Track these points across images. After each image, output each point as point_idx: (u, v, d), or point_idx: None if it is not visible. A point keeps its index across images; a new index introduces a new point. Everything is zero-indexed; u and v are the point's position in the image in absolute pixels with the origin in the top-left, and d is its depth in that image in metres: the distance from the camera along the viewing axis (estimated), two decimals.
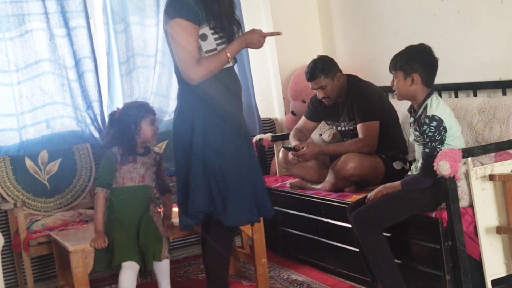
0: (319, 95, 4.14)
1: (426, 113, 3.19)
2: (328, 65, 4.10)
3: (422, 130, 3.18)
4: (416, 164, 3.37)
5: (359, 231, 3.30)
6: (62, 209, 4.39)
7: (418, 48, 3.29)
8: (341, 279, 3.94)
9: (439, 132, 3.14)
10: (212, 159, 3.20)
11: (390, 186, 3.35)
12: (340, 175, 3.92)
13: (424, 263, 3.29)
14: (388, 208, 3.27)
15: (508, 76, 3.84)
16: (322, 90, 4.10)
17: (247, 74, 5.15)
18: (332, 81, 4.08)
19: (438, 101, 3.22)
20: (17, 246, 4.11)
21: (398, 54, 3.31)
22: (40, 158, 4.42)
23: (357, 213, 3.31)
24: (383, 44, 4.68)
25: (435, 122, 3.14)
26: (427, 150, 3.18)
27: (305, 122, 4.40)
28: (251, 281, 4.08)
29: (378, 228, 3.26)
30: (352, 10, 5.03)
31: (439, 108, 3.18)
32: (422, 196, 3.23)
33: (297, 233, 4.32)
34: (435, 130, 3.14)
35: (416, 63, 3.22)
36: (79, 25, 4.56)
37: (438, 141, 3.15)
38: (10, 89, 4.43)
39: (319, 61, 4.12)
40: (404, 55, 3.28)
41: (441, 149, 3.15)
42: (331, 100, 4.13)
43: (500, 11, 3.82)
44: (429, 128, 3.14)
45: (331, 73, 4.08)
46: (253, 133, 5.09)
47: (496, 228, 3.19)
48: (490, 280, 3.17)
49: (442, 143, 3.16)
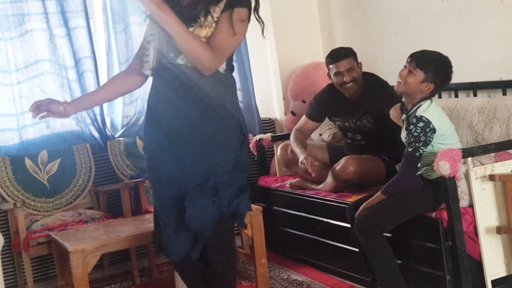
0: (347, 79, 3.93)
1: (415, 113, 3.19)
2: (354, 52, 4.02)
3: (409, 129, 3.19)
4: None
5: (362, 238, 3.29)
6: (62, 209, 4.39)
7: (447, 63, 3.27)
8: (341, 279, 3.94)
9: (425, 133, 3.13)
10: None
11: (371, 200, 3.32)
12: (340, 178, 3.91)
13: (424, 263, 3.29)
14: (389, 212, 3.27)
15: (508, 76, 3.83)
16: (349, 73, 3.94)
17: (247, 74, 5.14)
18: (357, 66, 3.99)
19: (430, 103, 3.21)
20: (17, 246, 4.12)
21: (428, 56, 3.25)
22: (40, 158, 4.42)
23: (359, 220, 3.30)
24: (383, 44, 4.68)
25: (422, 123, 3.13)
26: (410, 149, 3.17)
27: (306, 122, 4.30)
28: (251, 281, 4.08)
29: (380, 233, 3.26)
30: (352, 10, 5.03)
31: (428, 109, 3.18)
32: (422, 196, 3.23)
33: (297, 233, 4.32)
34: (421, 131, 3.13)
35: (440, 77, 3.22)
36: (79, 25, 4.56)
37: (422, 142, 3.14)
38: (10, 89, 4.43)
39: (347, 47, 4.01)
40: (435, 62, 3.23)
41: (424, 151, 3.15)
42: (356, 87, 3.97)
43: (500, 11, 3.82)
44: (415, 128, 3.14)
45: (356, 58, 4.00)
46: (253, 133, 5.09)
47: (496, 228, 3.19)
48: (490, 280, 3.17)
49: (426, 145, 3.16)
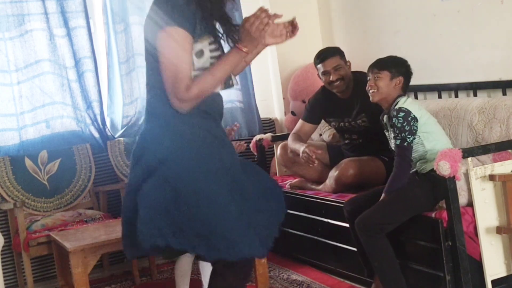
0: (333, 77, 3.97)
1: (394, 107, 3.29)
2: (341, 50, 4.06)
3: (392, 123, 3.25)
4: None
5: (364, 238, 3.29)
6: (62, 209, 4.40)
7: (401, 58, 3.47)
8: (341, 279, 3.94)
9: (408, 122, 3.21)
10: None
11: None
12: (340, 181, 3.91)
13: (424, 263, 3.29)
14: (389, 211, 3.27)
15: (508, 76, 3.83)
16: (336, 71, 3.97)
17: (247, 74, 5.15)
18: (345, 64, 4.02)
19: (406, 98, 3.35)
20: (17, 246, 4.12)
21: (383, 59, 3.47)
22: (40, 158, 4.42)
23: (360, 220, 3.30)
24: (383, 44, 4.68)
25: (402, 113, 3.22)
26: (398, 141, 3.24)
27: (303, 125, 4.27)
28: (251, 281, 4.07)
29: (381, 233, 3.26)
30: (352, 10, 5.03)
31: (406, 102, 3.31)
32: (420, 192, 3.24)
33: (297, 233, 4.32)
34: (403, 120, 3.21)
35: (402, 68, 3.40)
36: (79, 25, 4.56)
37: (408, 131, 3.21)
38: (10, 89, 4.43)
39: (331, 46, 4.05)
40: (392, 60, 3.45)
41: (412, 140, 3.22)
42: (344, 85, 3.99)
43: (500, 11, 3.81)
44: (397, 119, 3.22)
45: (344, 57, 4.04)
46: (253, 133, 5.09)
47: (496, 228, 3.19)
48: (490, 280, 3.17)
49: (413, 134, 3.22)
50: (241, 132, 5.12)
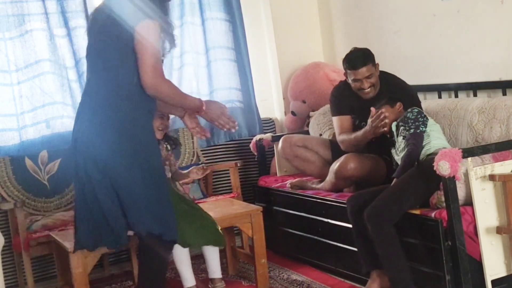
0: (365, 85, 3.84)
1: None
2: (372, 54, 3.89)
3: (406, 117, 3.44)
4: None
5: (371, 226, 3.32)
6: (62, 209, 4.39)
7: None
8: (341, 279, 3.94)
9: (422, 116, 3.44)
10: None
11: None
12: (340, 175, 3.91)
13: (424, 263, 3.29)
14: (395, 198, 3.31)
15: (508, 76, 3.84)
16: (368, 79, 3.83)
17: (247, 74, 5.14)
18: (376, 70, 3.89)
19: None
20: (17, 246, 4.12)
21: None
22: (40, 158, 4.42)
23: (370, 208, 3.33)
24: (383, 44, 4.68)
25: (416, 109, 3.47)
26: (412, 130, 3.41)
27: (342, 121, 4.02)
28: (251, 281, 4.08)
29: (390, 221, 3.28)
30: (352, 10, 5.03)
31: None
32: (420, 176, 3.30)
33: (297, 233, 4.32)
34: (417, 113, 3.44)
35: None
36: (79, 25, 4.56)
37: (421, 122, 3.40)
38: (10, 89, 4.43)
39: (364, 49, 3.88)
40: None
41: (424, 130, 3.39)
42: (373, 92, 3.88)
43: (500, 11, 3.82)
44: (411, 113, 3.45)
45: (374, 61, 3.88)
46: (253, 133, 5.09)
47: (496, 228, 3.19)
48: (490, 280, 3.17)
49: (425, 125, 3.41)
50: (241, 132, 5.12)
